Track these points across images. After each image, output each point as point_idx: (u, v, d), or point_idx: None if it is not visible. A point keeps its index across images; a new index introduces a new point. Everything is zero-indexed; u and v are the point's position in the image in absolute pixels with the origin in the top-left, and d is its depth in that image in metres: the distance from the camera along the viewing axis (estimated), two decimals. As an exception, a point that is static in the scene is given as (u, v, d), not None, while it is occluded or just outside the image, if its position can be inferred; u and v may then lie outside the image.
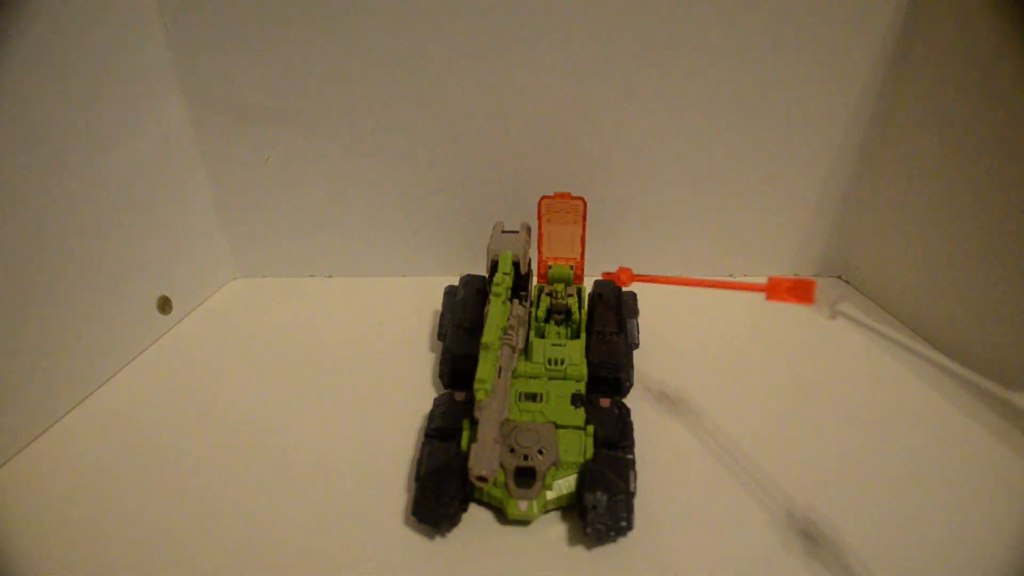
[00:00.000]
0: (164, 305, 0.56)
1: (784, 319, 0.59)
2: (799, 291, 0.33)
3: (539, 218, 0.51)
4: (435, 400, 0.42)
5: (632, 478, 0.35)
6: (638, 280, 0.43)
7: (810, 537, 0.34)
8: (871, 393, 0.47)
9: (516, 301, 0.45)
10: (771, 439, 0.42)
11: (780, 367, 0.51)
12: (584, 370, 0.43)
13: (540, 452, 0.36)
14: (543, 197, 0.50)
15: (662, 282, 0.41)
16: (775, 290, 0.33)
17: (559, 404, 0.40)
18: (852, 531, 0.34)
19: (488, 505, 0.36)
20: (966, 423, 0.43)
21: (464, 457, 0.35)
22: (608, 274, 0.46)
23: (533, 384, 0.42)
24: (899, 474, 0.38)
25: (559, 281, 0.50)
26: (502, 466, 0.35)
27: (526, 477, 0.35)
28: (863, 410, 0.45)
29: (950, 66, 0.50)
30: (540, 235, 0.51)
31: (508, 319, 0.42)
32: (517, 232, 0.49)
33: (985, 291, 0.47)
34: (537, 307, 0.48)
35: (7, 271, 0.41)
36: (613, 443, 0.37)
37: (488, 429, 0.34)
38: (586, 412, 0.40)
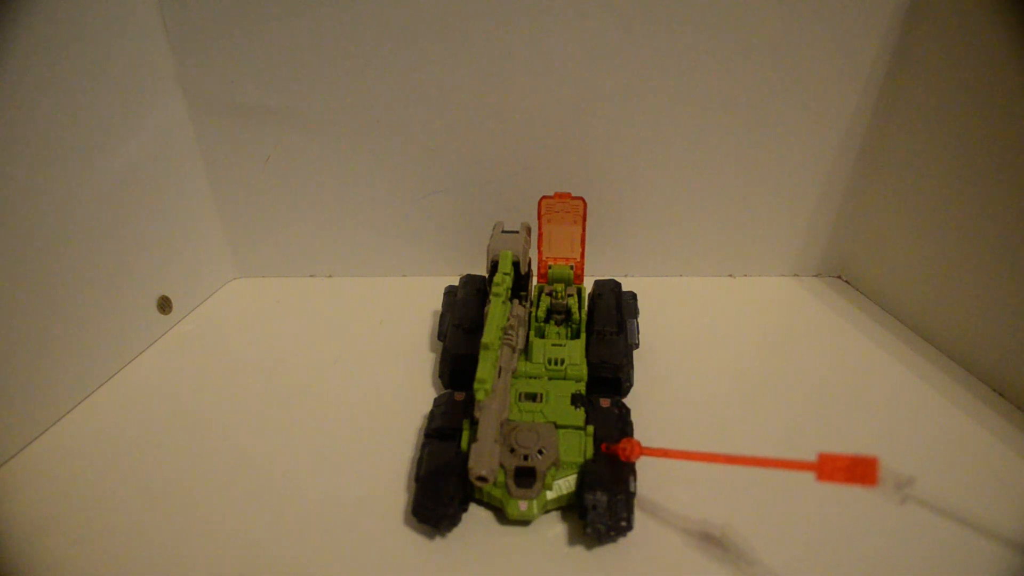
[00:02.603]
0: (164, 305, 0.56)
1: (785, 320, 0.59)
2: (856, 471, 0.28)
3: (539, 218, 0.51)
4: (435, 400, 0.42)
5: (632, 478, 0.35)
6: (647, 454, 0.35)
7: (810, 536, 0.34)
8: (871, 393, 0.47)
9: (516, 301, 0.45)
10: (772, 438, 0.42)
11: (781, 367, 0.51)
12: (584, 370, 0.43)
13: (540, 452, 0.36)
14: (543, 197, 0.50)
15: (674, 457, 0.34)
16: (826, 470, 0.29)
17: (559, 404, 0.40)
18: (852, 529, 0.34)
19: (488, 505, 0.36)
20: (966, 422, 0.43)
21: (464, 457, 0.35)
22: (611, 447, 0.37)
23: (533, 384, 0.42)
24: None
25: (559, 281, 0.50)
26: (502, 466, 0.35)
27: (526, 477, 0.35)
28: (863, 409, 0.45)
29: (950, 65, 0.50)
30: (540, 235, 0.51)
31: (508, 319, 0.42)
32: (517, 232, 0.49)
33: (985, 290, 0.47)
34: (537, 307, 0.48)
35: (7, 271, 0.41)
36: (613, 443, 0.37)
37: (488, 429, 0.34)
38: (586, 412, 0.40)
